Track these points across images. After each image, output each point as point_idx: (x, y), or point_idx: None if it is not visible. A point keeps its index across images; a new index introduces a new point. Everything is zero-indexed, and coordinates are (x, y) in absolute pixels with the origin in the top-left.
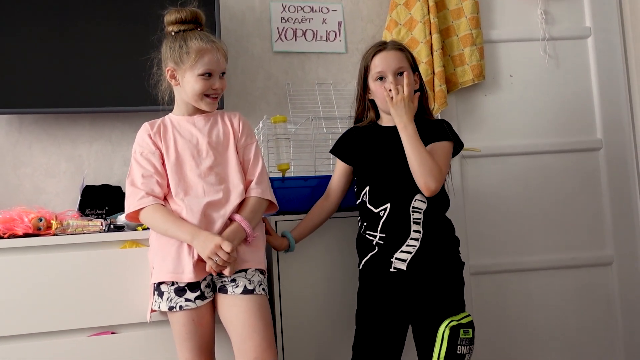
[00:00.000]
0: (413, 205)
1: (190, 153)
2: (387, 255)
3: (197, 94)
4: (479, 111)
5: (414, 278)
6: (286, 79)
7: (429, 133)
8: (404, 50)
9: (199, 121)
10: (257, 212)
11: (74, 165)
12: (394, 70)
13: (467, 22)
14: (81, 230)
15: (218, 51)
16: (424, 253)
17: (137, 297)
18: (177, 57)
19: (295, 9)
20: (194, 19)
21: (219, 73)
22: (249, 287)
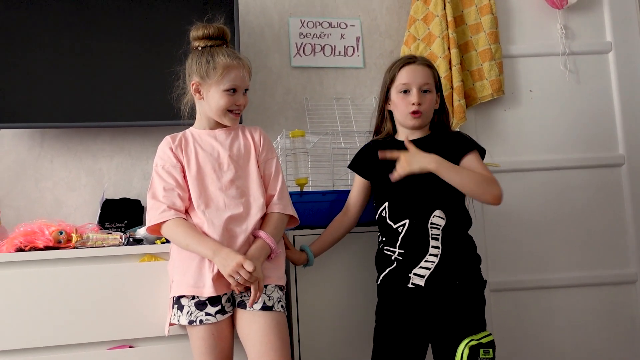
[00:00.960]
0: (431, 221)
1: (212, 166)
2: (406, 270)
3: (221, 109)
4: (499, 126)
5: (432, 295)
6: (304, 94)
7: (455, 147)
8: (432, 68)
9: (220, 135)
10: (280, 228)
11: (94, 179)
12: (420, 84)
13: (485, 37)
14: (101, 243)
15: (244, 68)
16: (442, 270)
17: (155, 311)
18: (203, 72)
19: (313, 24)
20: (221, 36)
21: (243, 89)
22: (268, 304)
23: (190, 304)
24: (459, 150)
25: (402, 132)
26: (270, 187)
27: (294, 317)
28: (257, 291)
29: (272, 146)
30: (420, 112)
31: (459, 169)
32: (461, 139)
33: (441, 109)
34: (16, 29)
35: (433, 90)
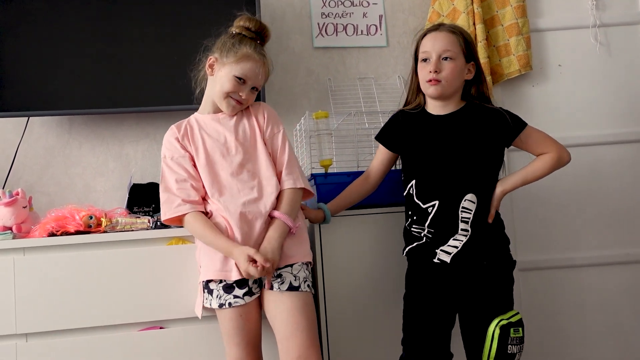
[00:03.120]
0: (463, 205)
1: (220, 152)
2: (433, 247)
3: (224, 92)
4: (527, 102)
5: (458, 272)
6: (327, 75)
7: (504, 129)
8: (458, 33)
9: (224, 118)
10: (295, 202)
11: (122, 164)
12: (439, 51)
13: (512, 11)
14: (129, 227)
15: (262, 66)
16: (469, 249)
17: (184, 293)
18: (225, 51)
19: (335, 3)
20: (259, 32)
21: (252, 85)
22: (294, 284)
23: (219, 288)
24: (510, 132)
25: (430, 104)
26: (278, 162)
27: (321, 293)
28: (269, 275)
29: (276, 120)
30: (437, 80)
31: (529, 174)
32: (506, 120)
33: (477, 78)
34: (43, 18)
35: (457, 57)
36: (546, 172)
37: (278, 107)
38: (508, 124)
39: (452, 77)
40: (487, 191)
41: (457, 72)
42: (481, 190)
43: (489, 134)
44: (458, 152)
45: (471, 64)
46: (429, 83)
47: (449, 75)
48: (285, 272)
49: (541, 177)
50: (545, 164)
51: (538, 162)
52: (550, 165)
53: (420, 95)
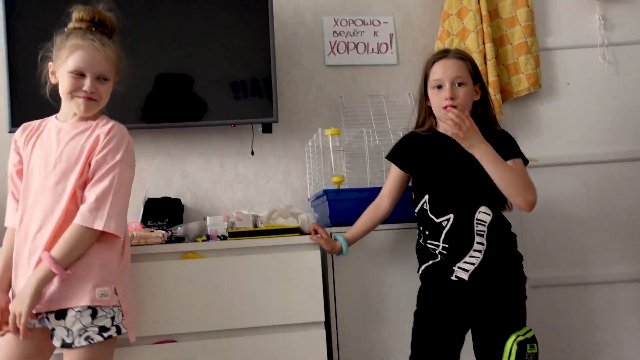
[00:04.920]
0: (477, 217)
1: (41, 164)
2: (450, 264)
3: (66, 93)
4: (536, 120)
5: (475, 289)
6: (338, 92)
7: (501, 149)
8: (465, 59)
9: (68, 127)
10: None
11: (136, 179)
12: (452, 78)
13: (521, 30)
14: (144, 241)
15: (96, 51)
16: (487, 265)
17: (196, 307)
18: (57, 51)
19: (347, 22)
20: (92, 19)
21: (93, 74)
22: (67, 340)
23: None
24: (503, 153)
25: (442, 124)
26: (89, 190)
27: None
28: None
29: (118, 148)
30: (454, 106)
31: (502, 163)
32: (507, 142)
33: (483, 100)
34: None
35: (468, 83)
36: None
37: (290, 124)
38: (505, 146)
39: (466, 101)
40: (500, 205)
41: (469, 96)
42: (494, 204)
43: (504, 154)
44: (471, 166)
45: (477, 85)
46: (446, 110)
47: (463, 99)
48: (58, 324)
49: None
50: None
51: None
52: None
53: (430, 117)
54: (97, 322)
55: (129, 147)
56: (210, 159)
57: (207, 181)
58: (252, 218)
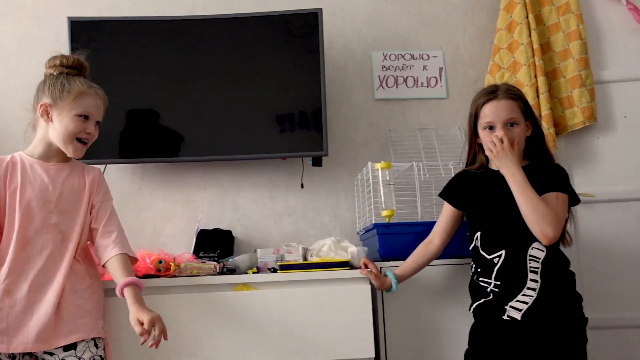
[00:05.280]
0: (530, 253)
1: (37, 203)
2: (502, 302)
3: (70, 135)
4: (592, 154)
5: (529, 330)
6: (388, 126)
7: (546, 180)
8: (517, 98)
9: (54, 170)
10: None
11: (189, 210)
12: (504, 121)
13: (575, 63)
14: (197, 272)
15: (99, 98)
16: (541, 305)
17: (248, 338)
18: (56, 95)
19: (396, 57)
20: (78, 66)
21: (95, 119)
22: None
23: None
24: (551, 186)
25: (494, 163)
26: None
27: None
28: None
29: (108, 189)
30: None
31: (527, 190)
32: (555, 175)
33: (535, 134)
34: (119, 75)
35: (520, 122)
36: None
37: (340, 157)
38: (551, 179)
39: (519, 141)
40: (555, 243)
41: (523, 135)
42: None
43: (547, 186)
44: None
45: (529, 120)
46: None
47: (517, 139)
48: (68, 355)
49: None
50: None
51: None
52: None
53: (481, 154)
54: (99, 352)
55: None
56: (260, 191)
57: (257, 213)
58: (302, 251)
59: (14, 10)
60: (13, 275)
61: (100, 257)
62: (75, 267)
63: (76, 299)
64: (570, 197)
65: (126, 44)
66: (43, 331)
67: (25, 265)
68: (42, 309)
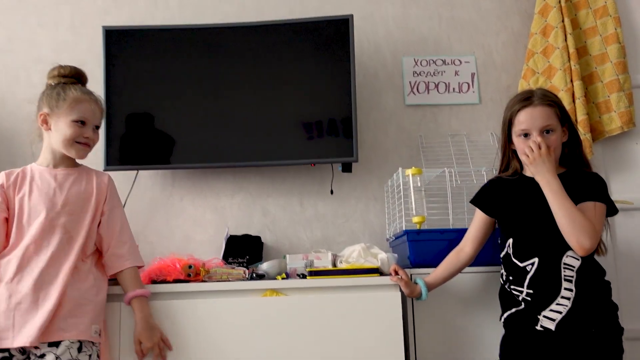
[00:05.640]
0: (564, 261)
1: (44, 204)
2: (535, 312)
3: (68, 139)
4: (630, 160)
5: (564, 340)
6: (419, 132)
7: (583, 189)
8: (553, 105)
9: (62, 175)
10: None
11: (218, 216)
12: (540, 128)
13: (612, 67)
14: (226, 277)
15: (95, 103)
16: (576, 314)
17: (277, 344)
18: (53, 103)
19: (427, 62)
20: (75, 75)
21: (93, 124)
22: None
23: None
24: (588, 195)
25: (529, 170)
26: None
27: None
28: None
29: (118, 196)
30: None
31: (564, 200)
32: (592, 184)
33: (572, 141)
34: (151, 83)
35: (557, 129)
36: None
37: (370, 163)
38: (588, 188)
39: (555, 148)
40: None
41: (559, 142)
42: None
43: (584, 195)
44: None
45: (565, 126)
46: None
47: (553, 147)
48: (49, 351)
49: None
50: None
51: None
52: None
53: (514, 161)
54: (80, 357)
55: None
56: (290, 197)
57: (286, 219)
58: (331, 257)
59: (52, 20)
60: (20, 273)
61: (112, 266)
62: (80, 267)
63: (77, 298)
64: (608, 206)
65: (159, 51)
66: (44, 327)
67: (32, 263)
68: (46, 306)
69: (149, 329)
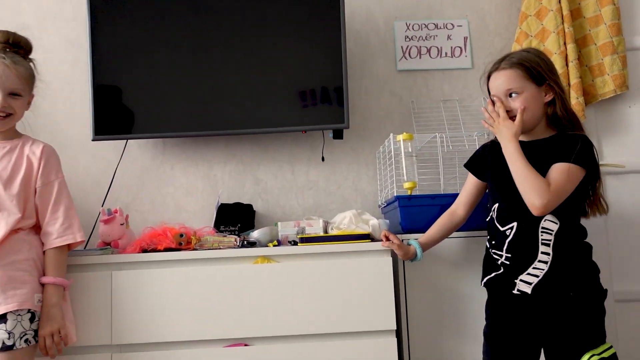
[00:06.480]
0: (542, 225)
1: None
2: (512, 276)
3: None
4: (622, 124)
5: (541, 304)
6: (410, 97)
7: (559, 152)
8: (517, 65)
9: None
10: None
11: (210, 185)
12: (503, 92)
13: (606, 29)
14: (217, 245)
15: (7, 68)
16: (553, 278)
17: (269, 311)
18: None
19: (419, 26)
20: (7, 41)
21: (5, 91)
22: (7, 343)
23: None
24: (554, 156)
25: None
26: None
27: (404, 328)
28: None
29: (56, 167)
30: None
31: (517, 161)
32: (566, 146)
33: (560, 101)
34: (139, 50)
35: (524, 89)
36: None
37: (361, 130)
38: (560, 150)
39: (526, 109)
40: (569, 215)
41: (530, 103)
42: (562, 213)
43: (556, 158)
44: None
45: (545, 85)
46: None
47: (520, 109)
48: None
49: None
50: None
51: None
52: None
53: None
54: (33, 327)
55: (59, 161)
56: (281, 165)
57: (278, 187)
58: (323, 224)
59: None
60: None
61: (44, 243)
62: (15, 238)
63: (11, 271)
64: (589, 170)
65: (147, 17)
66: None
67: None
68: None
69: (47, 319)
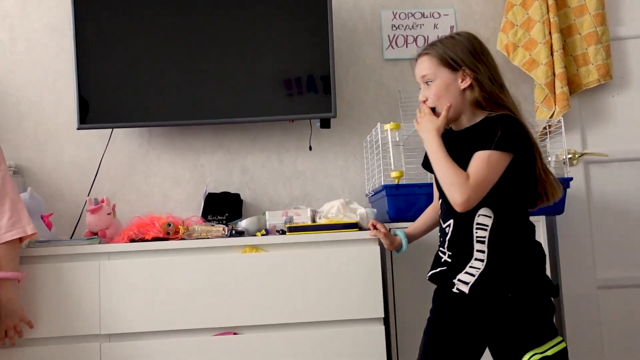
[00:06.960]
0: (477, 220)
1: None
2: (451, 275)
3: None
4: (606, 113)
5: (480, 304)
6: (397, 86)
7: (477, 140)
8: (430, 53)
9: None
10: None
11: (197, 174)
12: (421, 80)
13: (591, 19)
14: (205, 235)
15: None
16: (489, 278)
17: (258, 299)
18: None
19: (406, 15)
20: None
21: None
22: None
23: None
24: (475, 146)
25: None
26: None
27: (392, 315)
28: None
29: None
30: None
31: (436, 154)
32: (487, 132)
33: (477, 84)
34: (124, 38)
35: (437, 76)
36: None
37: (348, 119)
38: (481, 138)
39: (438, 97)
40: (504, 206)
41: (442, 90)
42: (497, 204)
43: (476, 146)
44: (464, 166)
45: (461, 71)
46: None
47: (434, 97)
48: None
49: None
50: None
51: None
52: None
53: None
54: None
55: (2, 152)
56: (269, 154)
57: (265, 176)
58: (311, 213)
59: None
60: None
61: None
62: None
63: None
64: (517, 152)
65: (131, 5)
66: None
67: None
68: None
69: (7, 314)
